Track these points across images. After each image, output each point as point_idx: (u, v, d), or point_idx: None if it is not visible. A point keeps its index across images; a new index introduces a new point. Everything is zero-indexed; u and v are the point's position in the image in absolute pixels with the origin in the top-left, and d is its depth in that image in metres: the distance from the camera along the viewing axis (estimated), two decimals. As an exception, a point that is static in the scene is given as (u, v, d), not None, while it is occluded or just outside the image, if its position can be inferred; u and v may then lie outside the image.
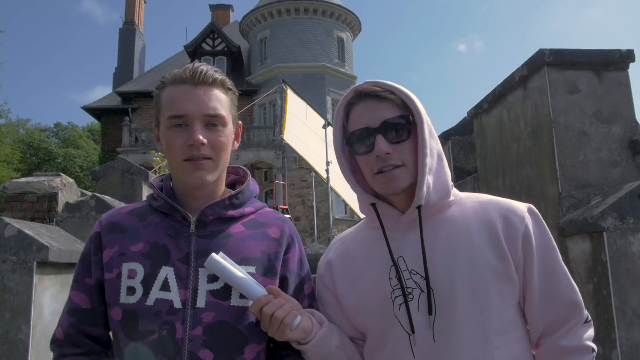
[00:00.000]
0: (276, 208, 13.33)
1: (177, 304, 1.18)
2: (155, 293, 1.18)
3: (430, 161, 1.18)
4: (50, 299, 3.62)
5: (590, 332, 1.19)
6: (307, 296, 1.34)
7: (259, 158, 23.28)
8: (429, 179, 1.18)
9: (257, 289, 1.16)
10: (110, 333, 1.27)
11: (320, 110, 22.14)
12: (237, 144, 1.34)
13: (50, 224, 4.79)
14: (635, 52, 3.07)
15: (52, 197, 5.77)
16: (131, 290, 1.19)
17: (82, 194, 6.19)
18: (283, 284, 1.29)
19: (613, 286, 2.39)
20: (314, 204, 17.14)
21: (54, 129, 47.85)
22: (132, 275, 1.20)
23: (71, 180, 6.16)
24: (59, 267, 3.72)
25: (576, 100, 3.03)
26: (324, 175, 11.60)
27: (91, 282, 1.27)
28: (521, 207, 1.22)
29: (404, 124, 1.18)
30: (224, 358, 1.18)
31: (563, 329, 1.17)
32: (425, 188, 1.17)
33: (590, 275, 2.52)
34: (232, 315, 1.20)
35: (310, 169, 15.28)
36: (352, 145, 1.23)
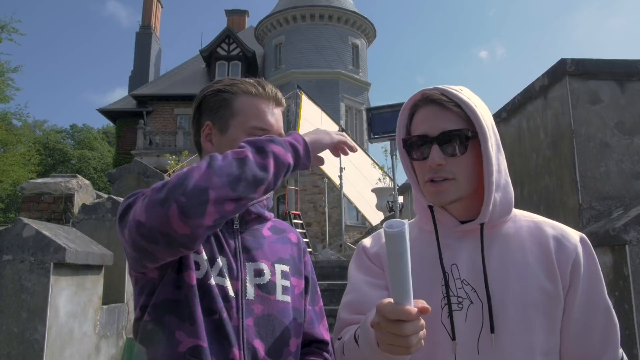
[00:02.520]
0: (288, 213, 13.32)
1: (231, 293, 1.21)
2: (215, 277, 1.21)
3: (497, 177, 1.18)
4: (66, 300, 3.65)
5: None
6: (320, 297, 1.45)
7: (272, 163, 23.28)
8: (497, 196, 1.18)
9: (411, 294, 0.95)
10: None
11: (334, 116, 22.15)
12: None
13: (67, 225, 4.83)
14: (658, 63, 3.03)
15: (69, 198, 5.82)
16: (196, 265, 1.20)
17: (98, 196, 6.24)
18: (305, 285, 1.39)
19: (635, 301, 2.35)
20: (326, 210, 17.13)
21: (70, 131, 48.46)
22: (199, 251, 1.21)
23: (87, 181, 6.22)
24: (75, 269, 3.75)
25: (598, 111, 2.99)
26: (337, 181, 11.59)
27: None
28: (575, 234, 1.21)
29: (462, 138, 1.16)
30: (274, 349, 1.23)
31: None
32: (491, 206, 1.17)
33: (611, 290, 2.47)
34: (278, 309, 1.27)
35: (323, 175, 15.29)
36: (408, 150, 1.23)
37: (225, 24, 32.33)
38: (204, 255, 1.21)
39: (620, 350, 1.18)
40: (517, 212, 1.27)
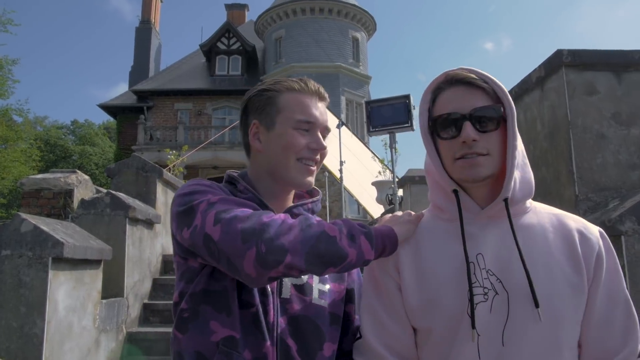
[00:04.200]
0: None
1: (269, 288, 1.22)
2: None
3: (518, 155, 1.17)
4: (64, 295, 3.66)
5: None
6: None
7: (273, 157, 23.26)
8: (516, 173, 1.17)
9: None
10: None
11: (335, 109, 22.11)
12: None
13: (66, 221, 4.84)
14: (655, 53, 3.02)
15: (68, 193, 5.83)
16: None
17: (97, 191, 6.25)
18: (349, 293, 1.38)
19: (631, 291, 2.34)
20: (327, 204, 17.13)
21: (71, 127, 48.45)
22: None
23: (86, 177, 6.22)
24: (74, 263, 3.76)
25: (594, 102, 2.98)
26: (338, 175, 11.57)
27: None
28: (594, 228, 1.22)
29: (494, 114, 1.16)
30: (307, 350, 1.23)
31: (616, 357, 1.14)
32: (512, 181, 1.15)
33: (607, 280, 2.48)
34: (313, 311, 1.27)
35: (323, 168, 15.30)
36: (437, 128, 1.20)
37: (225, 18, 32.19)
38: None
39: None
40: (537, 205, 1.26)
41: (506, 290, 1.12)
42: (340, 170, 11.18)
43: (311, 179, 1.34)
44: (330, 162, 12.42)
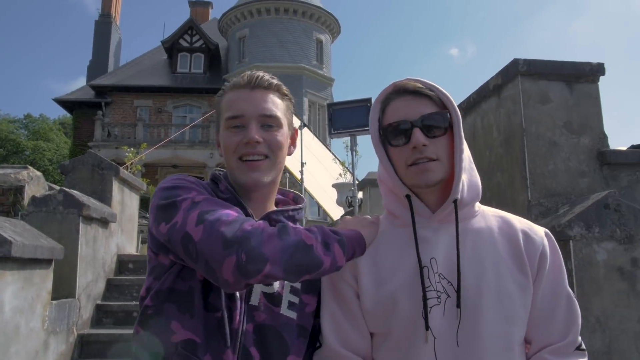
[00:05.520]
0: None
1: (237, 294, 1.20)
2: None
3: (465, 159, 1.22)
4: (11, 295, 3.52)
5: None
6: None
7: (234, 157, 23.06)
8: (464, 177, 1.22)
9: None
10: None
11: (297, 111, 22.08)
12: (293, 149, 1.39)
13: (15, 218, 4.66)
14: (605, 65, 3.15)
15: (18, 190, 5.61)
16: None
17: (50, 188, 6.04)
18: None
19: (577, 293, 2.44)
20: (288, 205, 17.10)
21: (24, 121, 46.69)
22: None
23: (39, 173, 6.00)
24: (23, 263, 3.62)
25: (548, 111, 3.08)
26: (299, 176, 11.56)
27: None
28: (540, 229, 1.29)
29: (441, 120, 1.21)
30: None
31: (554, 346, 1.21)
32: (461, 184, 1.20)
33: (556, 283, 2.56)
34: (281, 322, 1.24)
35: (284, 169, 15.28)
36: (388, 137, 1.24)
37: (188, 15, 31.75)
38: None
39: (580, 339, 1.24)
40: (484, 208, 1.31)
41: (457, 293, 1.16)
42: (301, 172, 11.16)
43: (258, 175, 1.27)
44: (291, 163, 12.40)
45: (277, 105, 1.31)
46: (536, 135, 3.03)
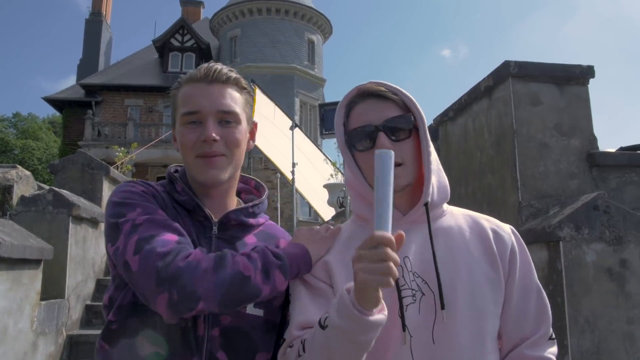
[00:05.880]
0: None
1: None
2: None
3: (433, 162, 1.22)
4: (0, 296, 3.49)
5: (554, 349, 1.24)
6: None
7: (225, 157, 23.01)
8: (433, 179, 1.22)
9: (390, 222, 1.00)
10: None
11: (289, 111, 22.05)
12: (252, 144, 1.36)
13: (3, 218, 4.62)
14: (595, 68, 3.17)
15: (7, 189, 5.55)
16: None
17: (40, 188, 5.99)
18: (288, 299, 1.34)
19: (567, 294, 2.46)
20: (279, 206, 17.08)
21: (12, 119, 46.25)
22: None
23: (28, 172, 5.95)
24: (11, 263, 3.59)
25: (538, 112, 3.10)
26: (290, 176, 11.56)
27: None
28: (506, 226, 1.31)
29: (405, 123, 1.21)
30: None
31: (529, 340, 1.22)
32: (431, 187, 1.21)
33: (546, 283, 2.58)
34: (247, 322, 1.22)
35: (276, 170, 15.24)
36: (353, 142, 1.24)
37: (179, 15, 31.60)
38: None
39: (551, 330, 1.26)
40: (452, 208, 1.33)
41: (432, 291, 1.17)
42: (293, 172, 11.16)
43: (216, 172, 1.24)
44: (283, 163, 12.39)
45: (235, 100, 1.27)
46: (527, 136, 3.05)
